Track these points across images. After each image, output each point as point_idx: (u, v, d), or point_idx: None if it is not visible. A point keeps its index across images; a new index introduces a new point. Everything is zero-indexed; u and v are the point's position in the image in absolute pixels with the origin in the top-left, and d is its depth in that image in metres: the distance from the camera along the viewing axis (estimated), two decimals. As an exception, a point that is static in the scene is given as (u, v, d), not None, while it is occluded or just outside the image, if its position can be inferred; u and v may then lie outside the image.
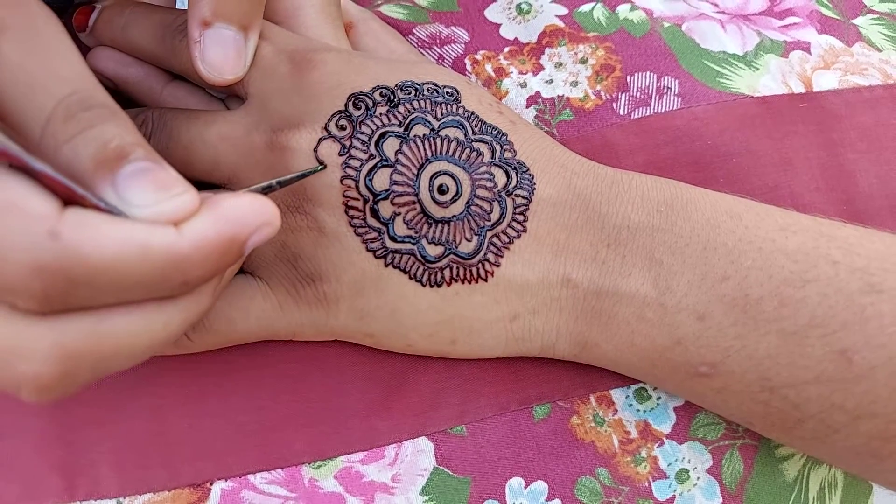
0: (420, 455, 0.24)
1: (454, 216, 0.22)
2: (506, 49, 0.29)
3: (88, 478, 0.24)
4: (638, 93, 0.27)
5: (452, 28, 0.30)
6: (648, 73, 0.28)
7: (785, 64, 0.28)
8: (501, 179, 0.23)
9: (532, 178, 0.23)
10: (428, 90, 0.23)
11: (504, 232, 0.23)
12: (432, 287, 0.23)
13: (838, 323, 0.21)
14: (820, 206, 0.27)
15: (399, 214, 0.22)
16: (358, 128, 0.23)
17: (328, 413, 0.25)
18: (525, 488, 0.24)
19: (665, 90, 0.27)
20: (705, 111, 0.27)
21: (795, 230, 0.22)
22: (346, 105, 0.23)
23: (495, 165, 0.23)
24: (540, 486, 0.24)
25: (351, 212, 0.22)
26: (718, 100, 0.27)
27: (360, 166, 0.22)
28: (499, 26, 0.30)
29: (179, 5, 0.29)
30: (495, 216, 0.23)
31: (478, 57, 0.29)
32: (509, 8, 0.30)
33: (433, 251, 0.23)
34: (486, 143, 0.23)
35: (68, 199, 0.16)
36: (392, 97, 0.23)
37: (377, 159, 0.22)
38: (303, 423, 0.24)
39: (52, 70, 0.17)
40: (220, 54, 0.23)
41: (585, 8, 0.29)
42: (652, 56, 0.28)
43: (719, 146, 0.26)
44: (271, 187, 0.21)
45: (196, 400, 0.25)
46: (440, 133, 0.23)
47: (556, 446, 0.25)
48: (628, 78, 0.28)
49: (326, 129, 0.23)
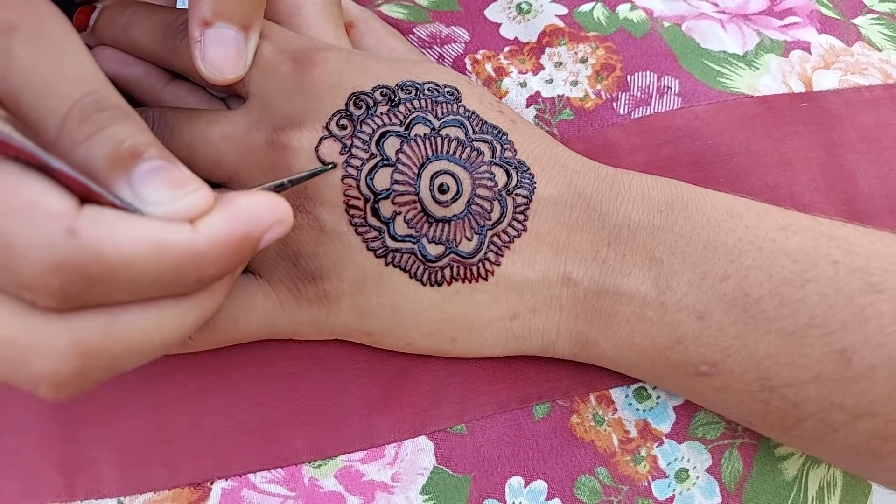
0: (420, 454, 0.24)
1: (455, 215, 0.22)
2: (506, 49, 0.29)
3: (88, 476, 0.24)
4: (638, 92, 0.27)
5: (453, 27, 0.30)
6: (649, 73, 0.28)
7: (785, 63, 0.28)
8: (502, 178, 0.23)
9: (532, 178, 0.23)
10: (428, 89, 0.23)
11: (504, 231, 0.23)
12: (433, 286, 0.23)
13: (838, 322, 0.21)
14: (820, 206, 0.27)
15: (400, 214, 0.22)
16: (359, 127, 0.23)
17: (328, 411, 0.25)
18: (525, 487, 0.24)
19: (665, 90, 0.27)
20: (706, 111, 0.27)
21: (795, 230, 0.22)
22: (347, 104, 0.23)
23: (496, 165, 0.23)
24: (539, 485, 0.24)
25: (352, 211, 0.22)
26: (719, 99, 0.27)
27: (361, 165, 0.22)
28: (499, 26, 0.30)
29: (180, 5, 0.29)
30: (496, 215, 0.23)
31: (478, 56, 0.29)
32: (509, 7, 0.30)
33: (434, 250, 0.23)
34: (487, 143, 0.23)
35: (85, 197, 0.16)
36: (393, 96, 0.23)
37: (378, 158, 0.22)
38: (303, 422, 0.25)
39: (65, 71, 0.17)
40: (221, 54, 0.23)
41: (585, 8, 0.29)
42: (652, 56, 0.28)
43: (719, 146, 0.27)
44: (283, 185, 0.21)
45: (196, 398, 0.25)
46: (441, 132, 0.23)
47: (556, 445, 0.25)
48: (628, 77, 0.28)
49: (327, 129, 0.23)
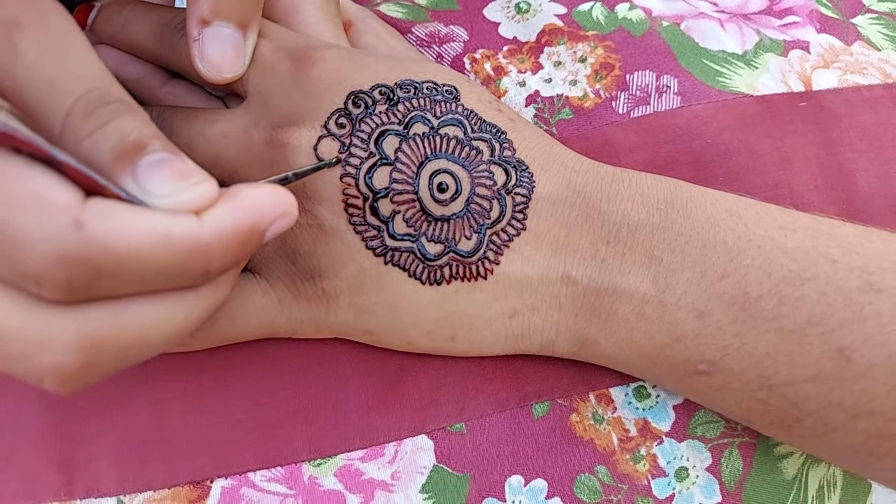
0: (420, 453, 0.24)
1: (454, 214, 0.22)
2: (505, 48, 0.29)
3: (87, 474, 0.24)
4: (637, 91, 0.27)
5: (451, 27, 0.30)
6: (648, 72, 0.28)
7: (784, 63, 0.28)
8: (501, 177, 0.23)
9: (531, 176, 0.23)
10: (427, 88, 0.23)
11: (504, 230, 0.23)
12: (432, 285, 0.23)
13: (837, 321, 0.21)
14: (819, 205, 0.27)
15: (399, 212, 0.22)
16: (358, 126, 0.23)
17: (327, 410, 0.25)
18: (524, 486, 0.24)
19: (664, 89, 0.27)
20: (705, 110, 0.27)
21: (795, 229, 0.22)
22: (346, 103, 0.23)
23: (495, 163, 0.23)
24: (539, 484, 0.24)
25: (350, 210, 0.22)
26: (718, 98, 0.27)
27: (360, 164, 0.22)
28: (498, 25, 0.30)
29: (178, 4, 0.29)
30: (495, 214, 0.23)
31: (477, 56, 0.29)
32: (508, 7, 0.30)
33: (433, 249, 0.23)
34: (486, 142, 0.23)
35: (90, 190, 0.16)
36: (391, 95, 0.23)
37: (377, 157, 0.22)
38: (302, 420, 0.24)
39: (69, 67, 0.17)
40: (219, 52, 0.23)
41: (584, 7, 0.29)
42: (651, 55, 0.28)
43: (719, 145, 0.27)
44: (288, 179, 0.21)
45: (195, 396, 0.25)
46: (440, 131, 0.23)
47: (556, 444, 0.25)
48: (627, 77, 0.28)
49: (326, 128, 0.23)
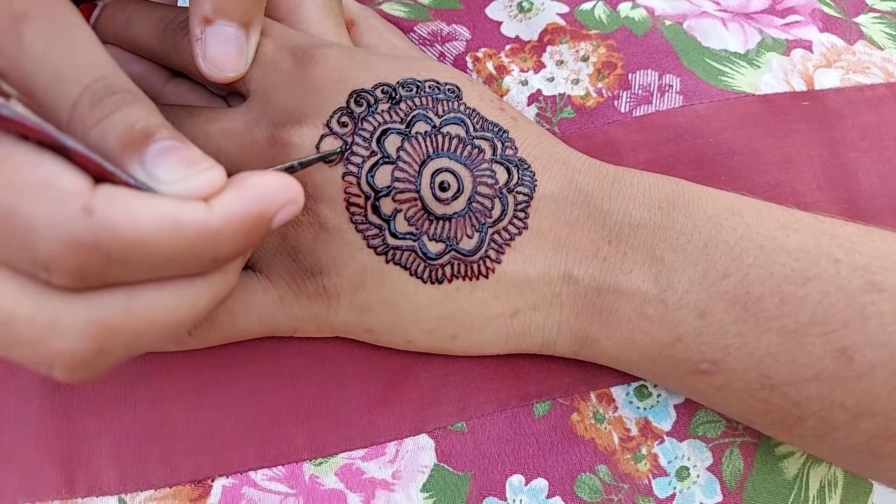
0: (420, 452, 0.24)
1: (455, 213, 0.22)
2: (507, 47, 0.29)
3: (88, 472, 0.24)
4: (639, 90, 0.27)
5: (454, 26, 0.30)
6: (650, 71, 0.28)
7: (787, 62, 0.28)
8: (503, 176, 0.23)
9: (533, 175, 0.23)
10: (429, 87, 0.23)
11: (505, 229, 0.23)
12: (433, 283, 0.23)
13: (839, 321, 0.21)
14: (822, 205, 0.26)
15: (400, 211, 0.22)
16: (360, 124, 0.23)
17: (328, 408, 0.25)
18: (525, 485, 0.24)
19: (667, 88, 0.27)
20: (707, 109, 0.27)
21: (797, 228, 0.22)
22: (348, 102, 0.23)
23: (496, 162, 0.23)
24: (540, 483, 0.24)
25: (352, 208, 0.22)
26: (720, 98, 0.27)
27: (362, 163, 0.22)
28: (500, 24, 0.30)
29: (181, 2, 0.29)
30: (496, 213, 0.23)
31: (479, 54, 0.29)
32: (510, 6, 0.30)
33: (434, 248, 0.23)
34: (488, 140, 0.23)
35: (99, 177, 0.16)
36: (394, 94, 0.23)
37: (379, 156, 0.22)
38: (302, 418, 0.25)
39: (76, 57, 0.17)
40: (222, 51, 0.23)
41: (587, 6, 0.29)
42: (654, 54, 0.28)
43: (721, 144, 0.26)
44: (293, 168, 0.21)
45: (195, 394, 0.25)
46: (442, 130, 0.23)
47: (557, 443, 0.25)
48: (630, 76, 0.28)
49: (328, 126, 0.23)
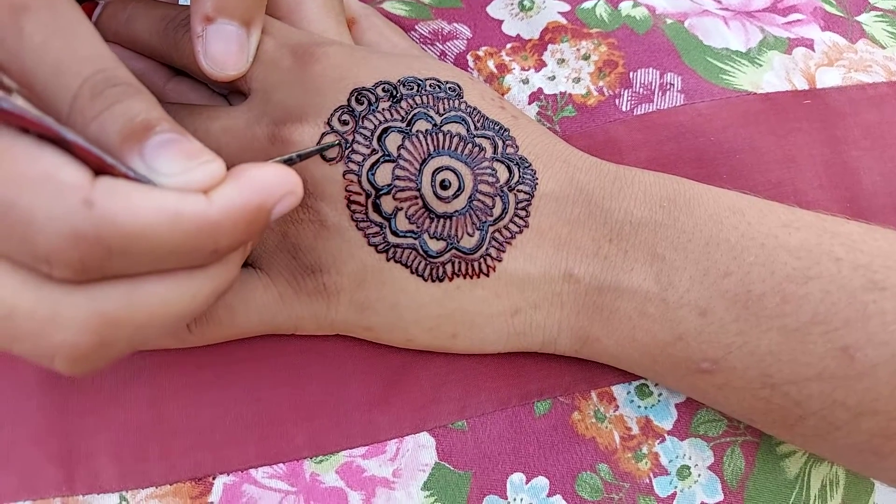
0: (421, 450, 0.24)
1: (456, 211, 0.22)
2: (508, 45, 0.29)
3: (87, 469, 0.24)
4: (641, 89, 0.27)
5: (455, 24, 0.29)
6: (651, 70, 0.28)
7: (788, 61, 0.28)
8: (504, 175, 0.23)
9: (534, 174, 0.23)
10: (430, 85, 0.23)
11: (506, 227, 0.23)
12: (434, 282, 0.23)
13: (840, 320, 0.21)
14: (823, 203, 0.26)
15: (401, 209, 0.22)
16: (360, 123, 0.23)
17: (328, 406, 0.25)
18: (526, 484, 0.24)
19: (668, 86, 0.27)
20: (708, 107, 0.27)
21: (798, 226, 0.22)
22: (349, 100, 0.23)
23: (497, 161, 0.23)
24: (541, 482, 0.24)
25: (353, 206, 0.22)
26: (722, 96, 0.27)
27: (363, 161, 0.22)
28: (501, 22, 0.30)
29: (182, 1, 0.29)
30: (497, 211, 0.23)
31: (480, 53, 0.29)
32: (512, 4, 0.30)
33: (435, 246, 0.23)
34: (489, 139, 0.23)
35: (99, 170, 0.16)
36: (394, 92, 0.23)
37: (379, 154, 0.22)
38: (303, 416, 0.25)
39: (76, 50, 0.17)
40: (223, 49, 0.23)
41: (588, 4, 0.29)
42: (655, 52, 0.28)
43: (722, 142, 0.26)
44: (292, 160, 0.21)
45: (194, 392, 0.25)
46: (442, 128, 0.23)
47: (557, 442, 0.25)
48: (631, 74, 0.28)
49: (329, 124, 0.23)
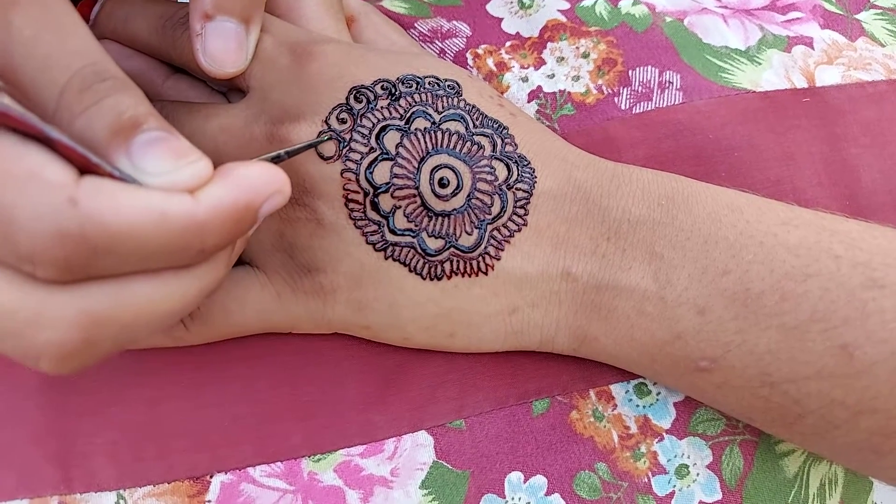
0: (419, 449, 0.24)
1: (455, 209, 0.22)
2: (507, 43, 0.29)
3: (84, 469, 0.24)
4: (640, 87, 0.27)
5: (454, 22, 0.29)
6: (650, 68, 0.28)
7: (788, 59, 0.28)
8: (502, 173, 0.23)
9: (533, 172, 0.23)
10: (429, 83, 0.23)
11: (505, 225, 0.23)
12: (432, 280, 0.23)
13: (839, 318, 0.21)
14: (822, 201, 0.26)
15: (399, 207, 0.22)
16: (359, 121, 0.22)
17: (326, 405, 0.25)
18: (524, 483, 0.24)
19: (667, 84, 0.27)
20: (707, 105, 0.27)
21: (797, 224, 0.22)
22: (348, 98, 0.23)
23: (496, 159, 0.23)
24: (539, 481, 0.24)
25: (351, 205, 0.22)
26: (720, 94, 0.27)
27: (361, 159, 0.22)
28: (500, 20, 0.29)
29: (181, -2, 0.29)
30: (496, 209, 0.23)
31: (479, 51, 0.29)
32: (511, 2, 0.30)
33: (433, 244, 0.22)
34: (487, 137, 0.23)
35: (84, 168, 0.16)
36: (393, 90, 0.23)
37: (378, 152, 0.22)
38: (300, 416, 0.24)
39: (65, 44, 0.17)
40: (222, 47, 0.23)
41: (587, 3, 0.29)
42: (654, 50, 0.28)
43: (721, 140, 0.26)
44: (280, 157, 0.21)
45: (192, 391, 0.25)
46: (441, 126, 0.23)
47: (555, 441, 0.24)
48: (630, 72, 0.28)
49: (327, 123, 0.22)
